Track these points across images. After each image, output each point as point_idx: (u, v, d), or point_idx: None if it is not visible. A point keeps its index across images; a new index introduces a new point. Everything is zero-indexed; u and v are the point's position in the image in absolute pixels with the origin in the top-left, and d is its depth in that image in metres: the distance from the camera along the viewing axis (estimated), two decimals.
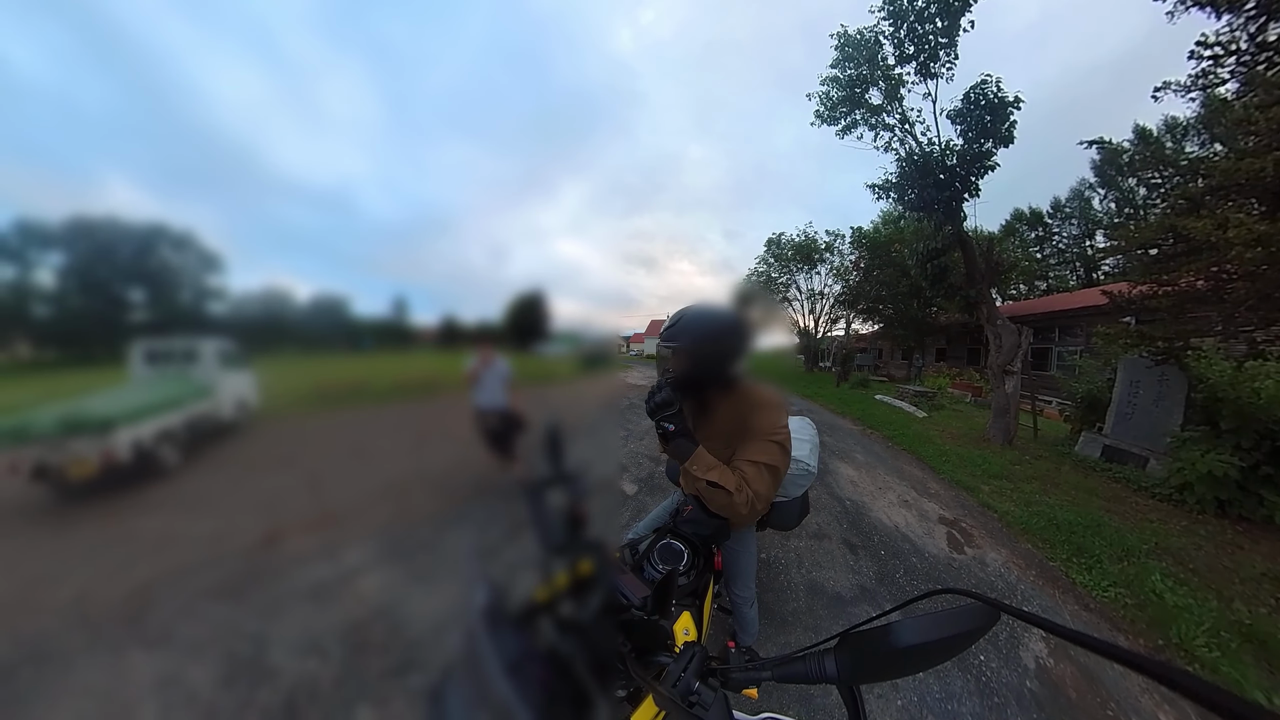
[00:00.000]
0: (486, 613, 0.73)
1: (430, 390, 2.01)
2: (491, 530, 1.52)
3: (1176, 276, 5.38)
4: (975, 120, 8.97)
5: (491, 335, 1.80)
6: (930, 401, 11.92)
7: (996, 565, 4.02)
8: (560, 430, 0.94)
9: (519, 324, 1.61)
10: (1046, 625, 0.58)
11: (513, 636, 0.71)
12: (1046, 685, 2.70)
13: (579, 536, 0.84)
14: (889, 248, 18.89)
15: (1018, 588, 3.69)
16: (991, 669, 2.73)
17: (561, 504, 0.87)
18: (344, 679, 1.75)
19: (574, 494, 0.87)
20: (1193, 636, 3.06)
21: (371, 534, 1.89)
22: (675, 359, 1.45)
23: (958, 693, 2.55)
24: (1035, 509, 5.03)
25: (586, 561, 0.83)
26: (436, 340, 1.66)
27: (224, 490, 1.86)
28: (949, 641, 0.61)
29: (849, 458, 6.82)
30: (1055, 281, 29.50)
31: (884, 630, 0.65)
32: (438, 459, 2.11)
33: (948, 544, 4.33)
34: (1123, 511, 5.06)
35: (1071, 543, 4.32)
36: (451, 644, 0.82)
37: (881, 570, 3.69)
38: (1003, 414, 7.91)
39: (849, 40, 9.92)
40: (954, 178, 9.49)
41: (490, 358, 2.17)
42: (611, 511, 2.93)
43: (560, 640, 0.77)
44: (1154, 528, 4.68)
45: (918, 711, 2.41)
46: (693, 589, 1.52)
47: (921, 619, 0.62)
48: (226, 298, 1.60)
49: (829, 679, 0.70)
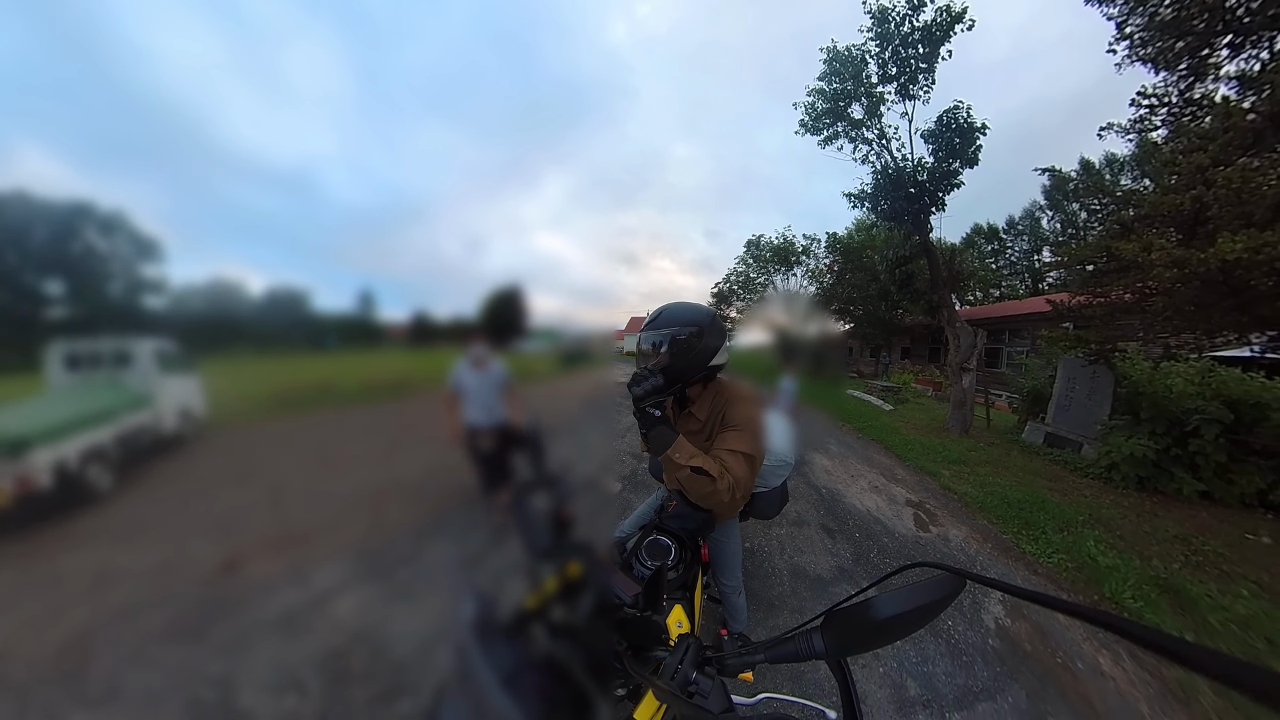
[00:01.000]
0: (476, 625, 0.69)
1: (401, 391, 1.77)
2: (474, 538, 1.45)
3: (1108, 289, 5.82)
4: (946, 141, 9.35)
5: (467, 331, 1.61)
6: (896, 396, 12.19)
7: (958, 540, 4.30)
8: (540, 431, 0.93)
9: (496, 320, 1.48)
10: (1006, 588, 0.61)
11: (505, 647, 0.68)
12: (1005, 642, 2.93)
13: (566, 539, 0.82)
14: (861, 253, 19.18)
15: (977, 558, 3.99)
16: (959, 632, 2.93)
17: (546, 507, 0.85)
18: (327, 713, 1.49)
19: (558, 496, 0.85)
20: (1121, 590, 3.43)
21: (344, 551, 1.65)
22: (658, 353, 1.42)
23: (931, 656, 2.71)
24: (989, 490, 5.37)
25: (575, 563, 0.81)
26: (407, 337, 1.48)
27: (170, 514, 1.58)
28: (923, 610, 0.63)
29: (823, 449, 6.93)
30: (1007, 290, 31.07)
31: (864, 605, 0.66)
32: (412, 465, 1.88)
33: (915, 524, 4.56)
34: (1062, 489, 5.47)
35: (1020, 517, 4.65)
36: (442, 662, 0.79)
37: (857, 551, 3.81)
38: (960, 407, 8.35)
39: (837, 56, 10.08)
40: (923, 192, 9.90)
41: (484, 360, 1.85)
42: (597, 511, 2.69)
43: (555, 646, 0.75)
44: (1088, 502, 5.08)
45: (898, 676, 2.54)
46: (682, 582, 1.49)
47: (897, 592, 0.64)
48: (166, 291, 1.34)
49: (818, 655, 0.71)
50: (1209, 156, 4.49)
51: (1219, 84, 5.05)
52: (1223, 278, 4.10)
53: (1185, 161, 4.76)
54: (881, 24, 9.11)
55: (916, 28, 8.93)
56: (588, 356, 1.59)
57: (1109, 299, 5.78)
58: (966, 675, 2.62)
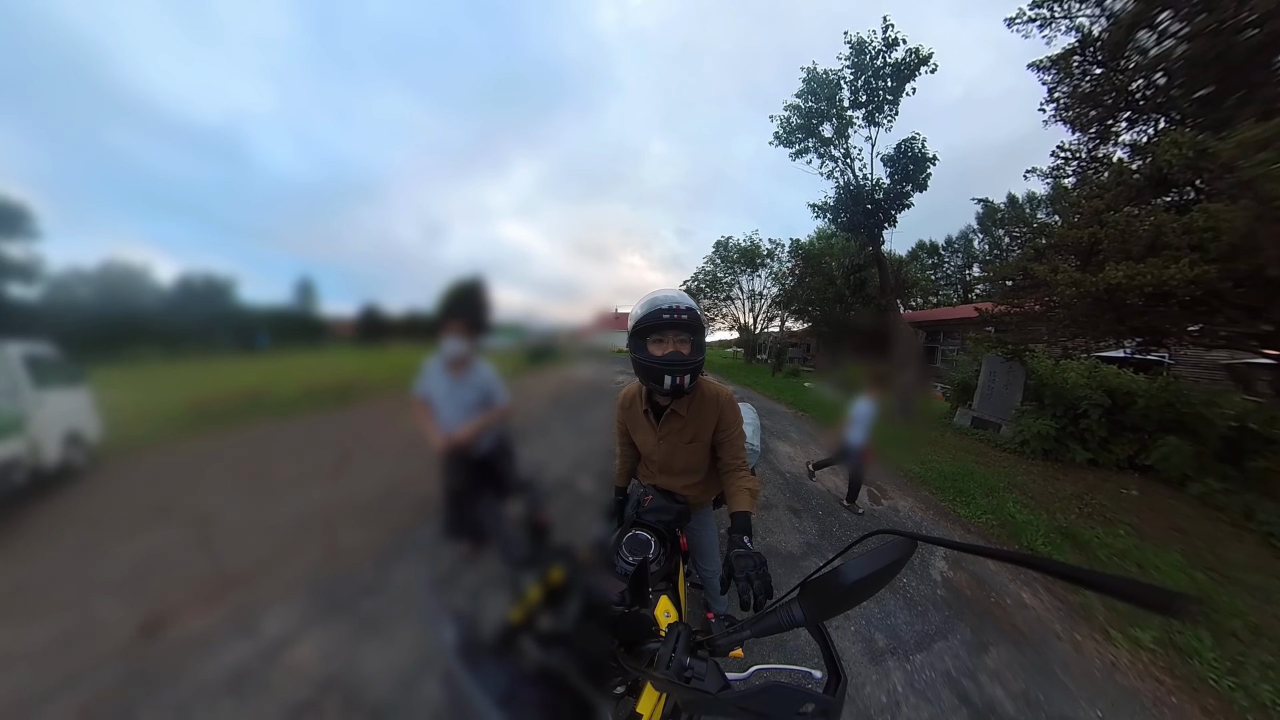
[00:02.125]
0: (461, 649, 0.64)
1: (349, 397, 1.44)
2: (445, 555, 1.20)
3: (1022, 301, 6.52)
4: (902, 166, 10.04)
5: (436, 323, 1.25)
6: None
7: (906, 509, 4.68)
8: (509, 435, 0.87)
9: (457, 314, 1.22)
10: (948, 544, 0.67)
11: (496, 667, 0.64)
12: (950, 590, 3.24)
13: (544, 545, 0.78)
14: (821, 260, 19.32)
15: (922, 523, 4.39)
16: (913, 587, 3.19)
17: (520, 514, 0.79)
18: None
19: (532, 501, 0.80)
20: (1034, 539, 4.02)
21: (295, 589, 1.32)
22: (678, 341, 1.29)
23: (892, 610, 2.91)
24: (928, 465, 5.84)
25: (557, 569, 0.77)
26: (355, 334, 1.22)
27: (64, 572, 1.20)
28: (884, 571, 0.65)
29: (785, 437, 7.00)
30: (943, 298, 33.96)
31: (834, 573, 0.67)
32: (366, 481, 1.54)
33: (869, 498, 4.82)
34: (986, 462, 6.15)
35: (954, 487, 5.16)
36: (430, 695, 0.69)
37: (822, 527, 3.93)
38: (904, 396, 8.39)
39: (815, 77, 10.39)
40: (879, 209, 10.52)
41: (465, 362, 1.33)
42: (573, 513, 2.56)
43: (547, 656, 0.71)
44: (1006, 471, 5.76)
45: (867, 630, 2.71)
46: (665, 573, 1.45)
47: (861, 558, 0.66)
48: (39, 276, 0.95)
49: (798, 623, 0.71)
50: (1104, 203, 5.30)
51: (1117, 148, 5.94)
52: (1107, 297, 4.86)
53: (1086, 205, 5.55)
54: (859, 55, 9.59)
55: (888, 63, 9.50)
56: (555, 353, 1.37)
57: (1023, 309, 6.53)
58: (923, 622, 2.84)
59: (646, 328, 1.26)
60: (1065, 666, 2.64)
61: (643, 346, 1.30)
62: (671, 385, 1.28)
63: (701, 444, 1.51)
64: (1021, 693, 2.42)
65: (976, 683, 2.45)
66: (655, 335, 1.28)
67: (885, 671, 2.42)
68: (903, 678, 2.41)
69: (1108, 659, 2.76)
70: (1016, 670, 2.57)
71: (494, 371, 1.32)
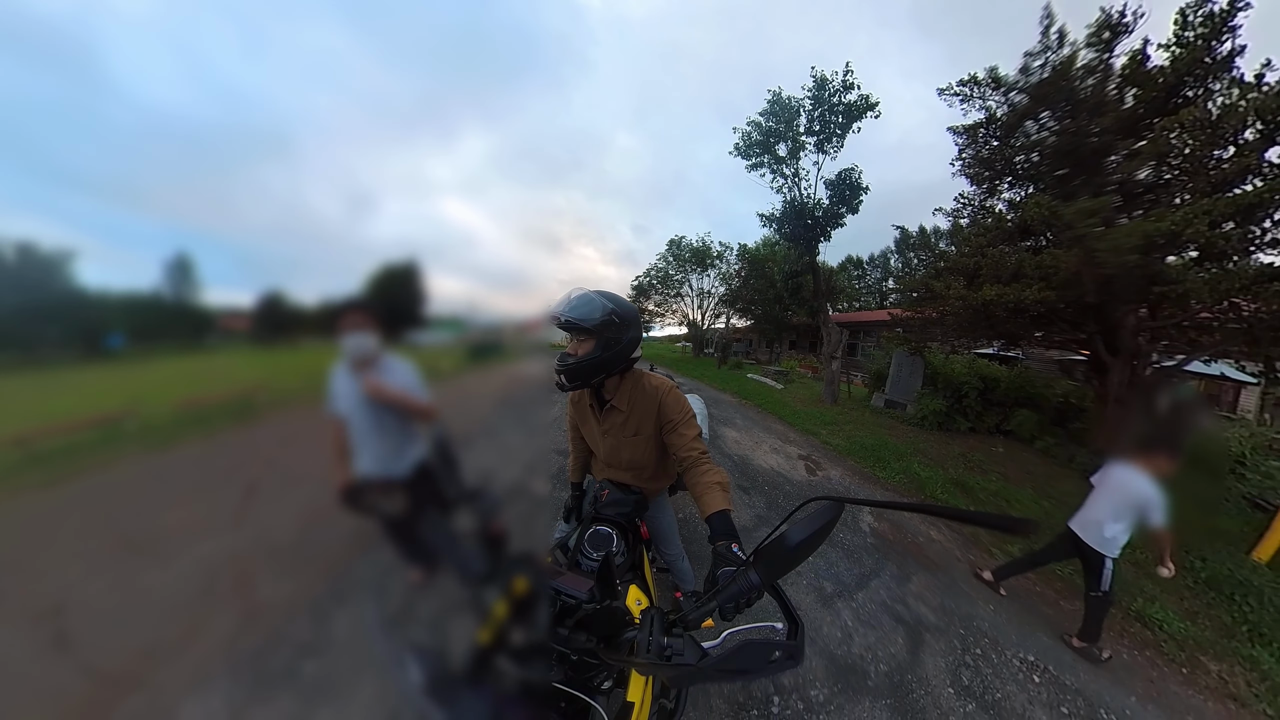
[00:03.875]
0: (431, 687, 0.56)
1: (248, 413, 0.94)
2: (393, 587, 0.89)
3: (924, 309, 7.22)
4: (840, 191, 10.82)
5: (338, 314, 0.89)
6: (785, 378, 13.47)
7: (836, 477, 5.09)
8: (449, 441, 0.75)
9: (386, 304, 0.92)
10: (870, 503, 0.75)
11: (474, 695, 0.58)
12: (877, 538, 3.54)
13: (503, 556, 0.70)
14: (764, 264, 20.13)
15: (850, 488, 4.85)
16: (847, 539, 3.46)
17: (472, 526, 0.70)
18: None
19: (483, 511, 0.71)
20: (935, 490, 4.74)
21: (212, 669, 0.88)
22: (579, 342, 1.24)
23: (834, 560, 3.14)
24: (852, 440, 6.38)
25: (521, 579, 0.69)
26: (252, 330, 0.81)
27: None
28: (821, 531, 0.69)
29: (732, 424, 7.13)
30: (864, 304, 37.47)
31: (780, 538, 0.71)
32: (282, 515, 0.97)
33: (806, 471, 5.14)
34: (896, 435, 6.89)
35: (873, 456, 5.74)
36: None
37: (769, 500, 4.09)
38: (831, 384, 9.81)
39: (779, 100, 10.78)
40: (818, 225, 11.26)
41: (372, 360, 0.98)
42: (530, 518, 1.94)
43: (527, 670, 0.67)
44: (911, 441, 6.54)
45: (816, 580, 2.86)
46: (630, 564, 1.39)
47: (801, 523, 0.70)
48: None
49: (756, 587, 0.73)
50: (985, 240, 6.18)
51: (999, 201, 6.93)
52: (983, 309, 5.66)
53: (974, 241, 6.39)
54: (820, 89, 10.16)
55: (843, 102, 10.16)
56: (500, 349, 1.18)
57: (924, 315, 7.23)
58: (859, 567, 3.10)
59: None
60: (965, 580, 3.14)
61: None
62: (561, 384, 1.27)
63: (645, 438, 1.45)
64: (939, 605, 2.80)
65: (906, 605, 2.76)
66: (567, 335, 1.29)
67: (836, 612, 2.61)
68: (850, 614, 2.61)
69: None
70: (933, 590, 2.95)
71: (411, 368, 1.02)
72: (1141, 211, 4.83)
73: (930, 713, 2.07)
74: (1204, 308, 4.50)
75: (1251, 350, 4.73)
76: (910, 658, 2.38)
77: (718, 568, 0.90)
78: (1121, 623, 2.94)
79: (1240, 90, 4.43)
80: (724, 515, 1.10)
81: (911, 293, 7.80)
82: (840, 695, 2.07)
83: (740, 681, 1.22)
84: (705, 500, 1.16)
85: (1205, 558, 3.62)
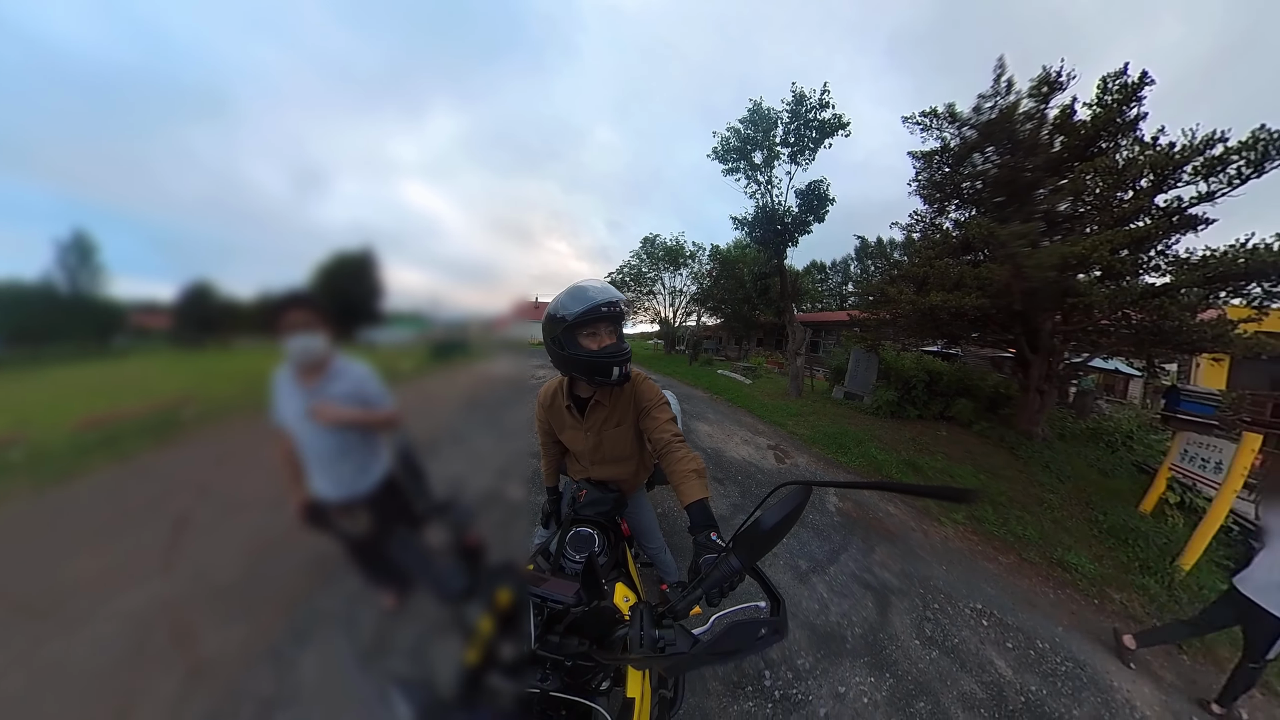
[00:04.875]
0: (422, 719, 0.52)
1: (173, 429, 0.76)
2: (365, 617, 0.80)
3: (879, 312, 7.61)
4: (809, 201, 11.20)
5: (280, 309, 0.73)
6: (753, 373, 13.75)
7: (803, 464, 5.27)
8: (414, 450, 0.69)
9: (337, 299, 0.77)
10: (833, 484, 0.76)
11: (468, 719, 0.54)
12: (841, 515, 3.74)
13: (482, 568, 0.65)
14: (735, 265, 20.26)
15: (816, 472, 5.10)
16: (817, 519, 3.61)
17: (446, 540, 0.64)
18: None
19: (456, 523, 0.65)
20: (890, 470, 5.12)
21: None
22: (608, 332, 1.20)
23: (805, 539, 3.25)
24: (816, 429, 6.67)
25: (504, 590, 0.65)
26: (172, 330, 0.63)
27: None
28: (792, 514, 0.70)
29: (704, 418, 7.24)
30: (825, 305, 39.04)
31: (755, 523, 0.72)
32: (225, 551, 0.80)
33: (775, 460, 5.29)
34: (855, 423, 7.25)
35: (835, 442, 6.04)
36: None
37: (743, 489, 4.20)
38: (796, 379, 10.18)
39: (759, 110, 10.96)
40: (787, 231, 11.60)
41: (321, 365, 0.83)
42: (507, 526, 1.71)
43: (522, 685, 0.65)
44: (869, 428, 6.92)
45: (791, 559, 2.96)
46: (614, 562, 1.36)
47: (774, 507, 0.71)
48: None
49: (737, 571, 0.75)
50: (934, 253, 6.68)
51: (946, 220, 7.56)
52: (929, 313, 6.16)
53: (923, 253, 6.93)
54: (798, 104, 10.46)
55: (818, 119, 10.51)
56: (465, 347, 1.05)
57: (879, 317, 7.65)
58: (829, 543, 3.24)
59: (582, 321, 1.15)
60: (921, 546, 3.43)
61: (574, 341, 1.18)
62: (619, 376, 1.21)
63: (627, 427, 1.43)
64: (900, 570, 3.05)
65: (872, 574, 2.95)
66: (589, 329, 1.18)
67: (812, 586, 2.72)
68: (824, 586, 2.74)
69: (942, 536, 3.68)
70: (894, 557, 3.19)
71: (369, 372, 0.90)
72: (1060, 237, 5.62)
73: (902, 663, 2.25)
74: (1104, 316, 5.34)
75: (1138, 350, 5.71)
76: (880, 619, 2.55)
77: (700, 556, 0.92)
78: (1046, 569, 3.48)
79: (1140, 147, 5.23)
80: (702, 504, 1.10)
81: (868, 296, 8.25)
82: (824, 660, 2.19)
83: (733, 661, 1.19)
84: (683, 489, 1.15)
85: (1106, 512, 4.36)
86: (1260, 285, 4.43)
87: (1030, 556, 3.62)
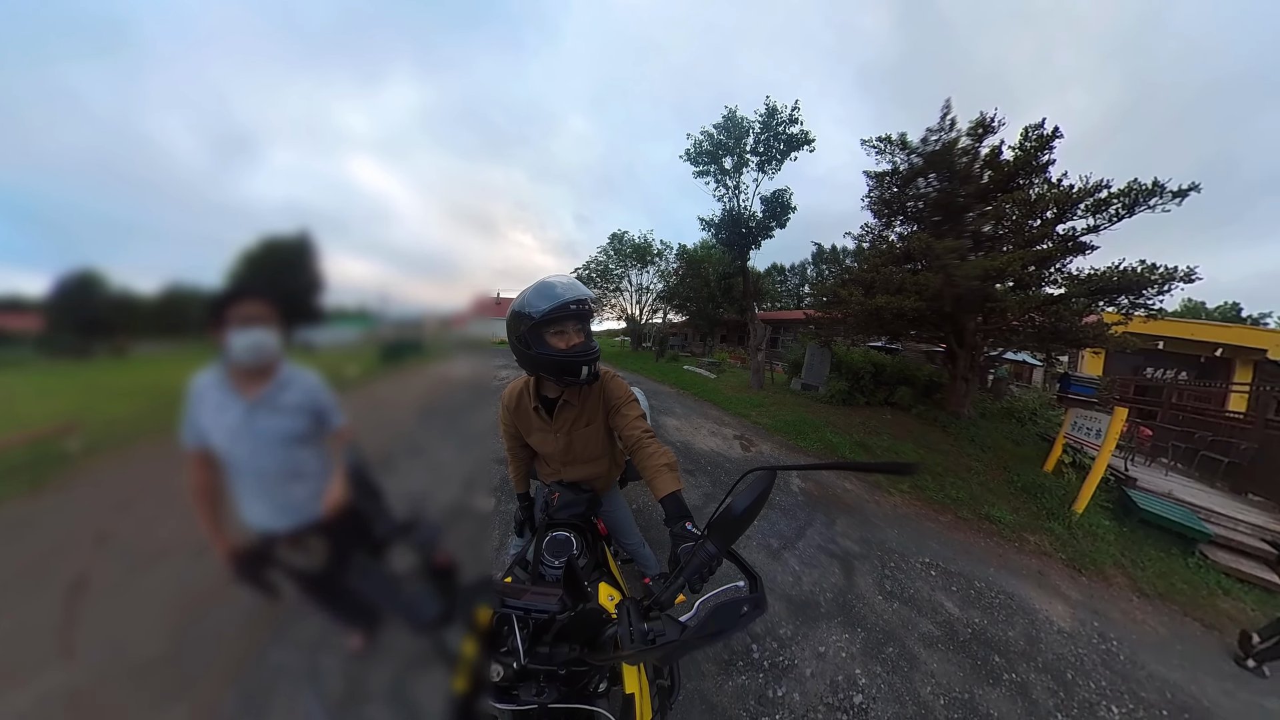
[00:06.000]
0: None
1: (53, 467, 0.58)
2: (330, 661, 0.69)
3: (832, 311, 8.22)
4: (772, 208, 11.74)
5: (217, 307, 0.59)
6: (718, 368, 13.62)
7: (767, 451, 5.45)
8: (365, 466, 0.62)
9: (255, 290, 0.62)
10: (795, 467, 0.84)
11: None
12: (804, 494, 3.93)
13: (456, 589, 0.61)
14: (701, 265, 20.38)
15: (779, 457, 5.29)
16: (783, 500, 3.76)
17: (413, 564, 0.60)
18: None
19: (423, 543, 0.62)
20: (844, 451, 5.59)
21: None
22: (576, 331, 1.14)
23: (774, 520, 3.37)
24: (777, 418, 6.92)
25: (483, 609, 0.64)
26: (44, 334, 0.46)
27: None
28: (760, 498, 0.73)
29: (672, 412, 7.22)
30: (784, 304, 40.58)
31: (727, 509, 0.74)
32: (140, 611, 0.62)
33: (741, 449, 5.39)
34: (812, 412, 7.58)
35: (795, 430, 6.32)
36: None
37: (713, 479, 4.26)
38: (757, 373, 10.42)
39: (732, 118, 11.36)
40: (751, 234, 12.11)
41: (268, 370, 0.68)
42: (478, 539, 2.17)
43: (514, 699, 0.63)
44: (825, 415, 7.33)
45: (764, 539, 3.06)
46: (595, 562, 1.31)
47: (743, 493, 0.73)
48: None
49: (714, 556, 0.76)
50: (880, 261, 7.35)
51: (892, 233, 8.29)
52: (875, 313, 6.78)
53: (872, 260, 7.61)
54: (769, 116, 10.92)
55: (787, 132, 11.00)
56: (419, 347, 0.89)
57: (832, 316, 8.32)
58: (795, 521, 3.36)
59: (549, 320, 1.06)
60: (875, 515, 3.74)
61: (541, 339, 1.10)
62: (589, 375, 1.17)
63: (597, 426, 1.39)
64: (860, 538, 3.28)
65: (836, 544, 3.12)
66: (557, 328, 1.10)
67: (784, 562, 2.83)
68: (795, 561, 2.84)
69: (892, 504, 4.07)
70: (853, 527, 3.43)
71: (318, 381, 0.75)
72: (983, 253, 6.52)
73: (870, 618, 2.46)
74: (1015, 318, 6.38)
75: (1040, 345, 6.91)
76: (847, 582, 2.74)
77: (678, 546, 0.93)
78: (976, 524, 4.07)
79: (1048, 186, 6.22)
80: (676, 497, 1.09)
81: (823, 298, 8.87)
82: (804, 627, 2.32)
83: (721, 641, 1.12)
84: (656, 484, 1.13)
85: (1019, 474, 5.24)
86: (1127, 297, 5.60)
87: (964, 514, 4.17)
